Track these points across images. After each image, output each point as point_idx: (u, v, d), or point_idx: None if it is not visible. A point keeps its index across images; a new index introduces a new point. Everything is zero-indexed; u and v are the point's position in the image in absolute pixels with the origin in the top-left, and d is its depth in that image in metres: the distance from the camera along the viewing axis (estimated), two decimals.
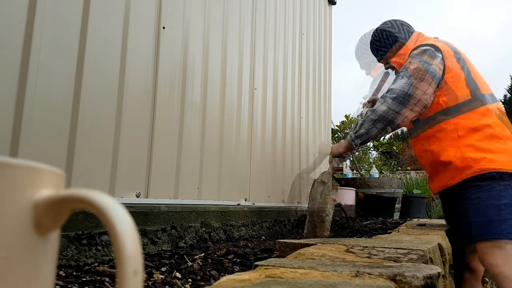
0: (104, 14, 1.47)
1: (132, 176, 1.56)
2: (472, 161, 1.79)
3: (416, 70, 1.89)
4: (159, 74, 1.73)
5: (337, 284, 0.63)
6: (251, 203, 2.41)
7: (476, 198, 1.78)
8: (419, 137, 2.05)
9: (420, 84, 1.87)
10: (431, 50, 1.92)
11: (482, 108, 1.86)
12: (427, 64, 1.89)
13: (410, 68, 1.92)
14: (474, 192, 1.79)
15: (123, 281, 0.26)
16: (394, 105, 1.89)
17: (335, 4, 4.33)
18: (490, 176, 1.76)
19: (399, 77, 1.96)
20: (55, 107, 1.28)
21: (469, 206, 1.81)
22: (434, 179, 2.02)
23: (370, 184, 3.82)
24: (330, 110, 4.10)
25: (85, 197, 0.28)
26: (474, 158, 1.79)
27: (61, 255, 1.18)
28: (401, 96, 1.88)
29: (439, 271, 0.76)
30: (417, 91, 1.87)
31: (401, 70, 1.98)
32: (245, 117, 2.43)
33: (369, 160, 12.34)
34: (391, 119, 1.92)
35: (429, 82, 1.87)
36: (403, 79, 1.92)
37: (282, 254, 1.31)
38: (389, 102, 1.90)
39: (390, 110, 1.90)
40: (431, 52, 1.92)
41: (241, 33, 2.45)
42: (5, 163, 0.26)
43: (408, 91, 1.87)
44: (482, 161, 1.78)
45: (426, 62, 1.90)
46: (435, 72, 1.89)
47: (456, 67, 1.92)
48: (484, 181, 1.77)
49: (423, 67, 1.89)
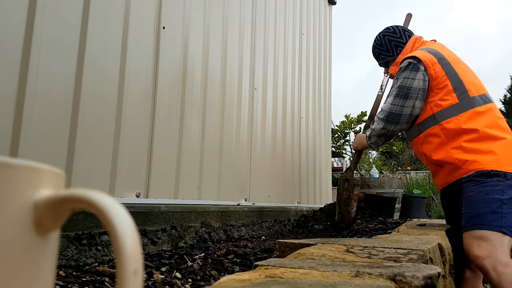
0: (104, 14, 1.47)
1: (132, 176, 1.56)
2: (459, 163, 1.88)
3: (400, 88, 2.03)
4: (159, 74, 1.73)
5: (337, 284, 0.63)
6: (251, 203, 2.40)
7: (470, 191, 1.85)
8: (413, 141, 2.18)
9: (406, 101, 2.01)
10: (413, 64, 2.02)
11: (469, 112, 1.92)
12: (410, 80, 2.00)
13: (395, 86, 2.07)
14: (468, 186, 1.86)
15: (123, 281, 0.26)
16: (387, 125, 2.10)
17: (335, 4, 4.33)
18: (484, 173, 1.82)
19: (389, 95, 2.12)
20: (55, 107, 1.28)
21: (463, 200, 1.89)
22: (435, 177, 2.14)
23: (370, 184, 3.82)
24: (330, 110, 4.10)
25: (85, 197, 0.28)
26: (461, 159, 1.87)
27: (61, 255, 1.18)
28: (390, 117, 2.07)
29: (439, 271, 0.76)
30: (404, 109, 2.02)
31: (391, 87, 2.14)
32: (245, 117, 2.43)
33: (369, 160, 12.36)
34: (390, 135, 2.16)
35: (415, 97, 2.00)
36: (390, 98, 2.08)
37: (282, 254, 1.31)
38: (381, 124, 2.12)
39: (384, 130, 2.13)
40: (413, 66, 2.01)
41: (241, 33, 2.45)
42: (5, 163, 0.26)
43: (395, 111, 2.04)
44: (468, 162, 1.86)
45: (409, 78, 2.01)
46: (419, 86, 2.00)
47: (440, 74, 1.98)
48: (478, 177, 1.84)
49: (407, 84, 2.01)
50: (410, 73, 2.01)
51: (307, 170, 3.36)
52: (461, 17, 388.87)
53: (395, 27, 2.36)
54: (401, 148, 7.47)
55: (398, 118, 2.05)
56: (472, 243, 1.77)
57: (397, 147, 7.33)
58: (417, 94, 1.99)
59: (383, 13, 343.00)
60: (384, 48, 2.34)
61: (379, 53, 2.38)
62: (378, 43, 2.37)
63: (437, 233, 1.84)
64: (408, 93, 2.00)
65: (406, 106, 2.01)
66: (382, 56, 2.37)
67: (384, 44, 2.34)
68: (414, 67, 2.01)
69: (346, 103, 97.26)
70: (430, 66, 1.98)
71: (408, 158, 20.26)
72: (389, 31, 2.34)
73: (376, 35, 2.41)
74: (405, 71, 2.03)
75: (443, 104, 1.96)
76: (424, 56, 2.01)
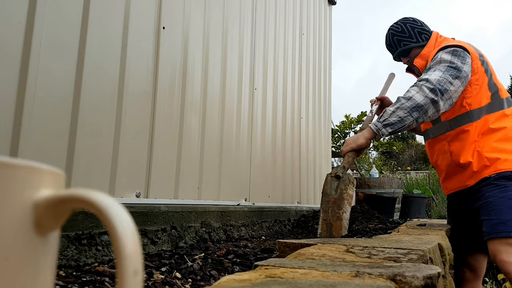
0: (104, 14, 1.47)
1: (132, 176, 1.56)
2: (488, 161, 1.85)
3: (451, 64, 1.85)
4: (159, 74, 1.73)
5: (337, 284, 0.63)
6: (251, 203, 2.41)
7: (491, 196, 1.82)
8: (439, 138, 2.05)
9: (454, 81, 1.82)
10: (461, 51, 1.90)
11: (499, 113, 1.90)
12: (461, 64, 1.86)
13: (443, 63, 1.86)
14: (488, 191, 1.83)
15: (123, 281, 0.26)
16: (431, 95, 1.78)
17: (335, 4, 4.33)
18: (505, 175, 1.80)
19: (432, 69, 1.88)
20: (55, 107, 1.28)
21: (482, 204, 1.85)
22: (450, 180, 2.05)
23: (370, 184, 3.81)
24: (330, 110, 4.10)
25: (85, 197, 0.28)
26: (491, 158, 1.84)
27: (61, 255, 1.18)
28: (438, 89, 1.78)
29: (439, 271, 0.76)
30: (451, 87, 1.81)
31: (433, 64, 1.91)
32: (245, 117, 2.43)
33: (369, 160, 12.36)
34: (426, 110, 1.79)
35: (462, 81, 1.84)
36: (437, 72, 1.84)
37: (282, 254, 1.31)
38: (426, 92, 1.78)
39: (427, 100, 1.78)
40: (461, 52, 1.89)
41: (241, 33, 2.45)
42: (5, 163, 0.26)
43: (444, 85, 1.80)
44: (498, 161, 1.83)
45: (459, 60, 1.87)
46: (468, 72, 1.87)
47: (480, 70, 1.92)
48: (498, 180, 1.82)
49: (458, 64, 1.85)
50: (459, 57, 1.87)
51: (307, 170, 3.36)
52: (461, 15, 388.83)
53: (414, 17, 2.25)
54: (401, 148, 7.46)
55: (443, 93, 1.78)
56: (500, 249, 1.74)
57: (397, 147, 7.33)
58: (464, 79, 1.83)
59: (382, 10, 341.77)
60: (406, 34, 2.18)
61: (400, 40, 2.19)
62: (398, 30, 2.21)
63: (437, 233, 1.84)
64: (458, 74, 1.82)
65: (454, 85, 1.80)
66: (405, 43, 2.18)
67: (407, 31, 2.18)
68: (462, 53, 1.88)
69: (346, 102, 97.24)
70: (474, 59, 1.91)
71: (408, 158, 20.23)
72: (409, 20, 2.22)
73: (393, 25, 2.26)
74: (454, 54, 1.88)
75: (482, 102, 1.90)
76: (469, 47, 1.92)
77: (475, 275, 2.11)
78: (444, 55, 1.89)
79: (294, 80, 3.21)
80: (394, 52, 2.25)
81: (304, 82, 3.40)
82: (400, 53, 2.22)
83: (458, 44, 1.94)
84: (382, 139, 2.50)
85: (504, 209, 1.76)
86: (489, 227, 1.80)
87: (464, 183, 1.96)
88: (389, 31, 2.26)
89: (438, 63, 1.88)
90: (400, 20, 2.24)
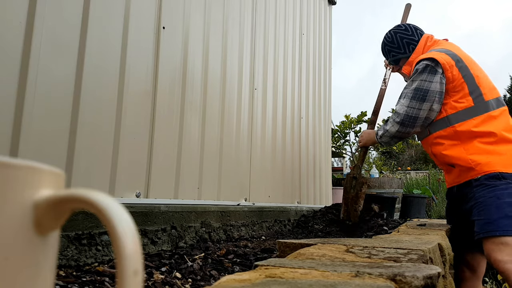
0: (104, 14, 1.47)
1: (132, 176, 1.56)
2: (473, 164, 1.88)
3: (416, 90, 1.98)
4: (159, 74, 1.73)
5: (337, 284, 0.63)
6: (251, 203, 2.41)
7: (481, 197, 1.85)
8: (423, 141, 2.17)
9: (422, 104, 1.96)
10: (431, 66, 1.96)
11: (484, 116, 1.92)
12: (428, 83, 1.95)
13: (411, 87, 2.01)
14: (479, 191, 1.86)
15: (123, 281, 0.26)
16: (402, 128, 2.04)
17: (335, 4, 4.33)
18: (494, 175, 1.83)
19: (403, 96, 2.06)
20: (55, 107, 1.28)
21: (473, 204, 1.88)
22: (447, 174, 2.15)
23: (370, 184, 3.82)
24: (330, 110, 4.10)
25: (85, 197, 0.28)
26: (475, 160, 1.88)
27: (61, 255, 1.18)
28: (406, 120, 2.01)
29: (439, 271, 0.76)
30: (420, 112, 1.97)
31: (405, 88, 2.08)
32: (245, 117, 2.43)
33: (369, 160, 12.36)
34: (401, 137, 2.12)
35: (432, 100, 1.95)
36: (405, 100, 2.01)
37: (282, 254, 1.31)
38: (397, 127, 2.06)
39: (399, 133, 2.07)
40: (431, 68, 1.96)
41: (241, 33, 2.45)
42: (5, 163, 0.26)
43: (411, 114, 1.98)
44: (482, 164, 1.86)
45: (426, 80, 1.96)
46: (436, 89, 1.95)
47: (457, 77, 1.95)
48: (488, 180, 1.84)
49: (424, 86, 1.95)
50: (428, 75, 1.96)
51: (307, 170, 3.36)
52: (461, 15, 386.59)
53: (407, 25, 2.31)
54: (401, 148, 7.46)
55: (414, 121, 2.00)
56: (492, 248, 1.76)
57: (397, 147, 7.33)
58: (434, 97, 1.95)
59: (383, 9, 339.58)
60: (395, 45, 2.29)
61: (390, 51, 2.34)
62: (389, 41, 2.32)
63: (437, 233, 1.84)
64: (425, 96, 1.95)
65: (423, 109, 1.97)
66: (394, 54, 2.32)
67: (396, 42, 2.29)
68: (431, 69, 1.96)
69: (346, 101, 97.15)
70: (447, 69, 1.94)
71: (408, 158, 20.24)
72: (401, 29, 2.30)
73: (387, 33, 2.37)
74: (423, 74, 1.98)
75: (458, 106, 1.94)
76: (442, 58, 1.96)
77: (474, 274, 2.11)
78: (414, 76, 2.03)
79: (294, 80, 3.21)
80: (387, 59, 2.42)
81: (304, 82, 3.40)
82: (391, 62, 2.40)
83: (431, 57, 1.99)
84: None
85: (493, 208, 1.79)
86: (479, 227, 1.83)
87: (455, 180, 2.05)
88: (383, 40, 2.38)
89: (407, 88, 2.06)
90: (393, 29, 2.35)
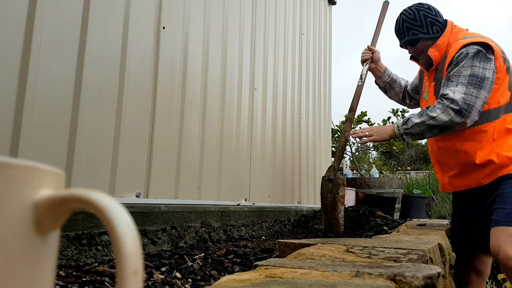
0: (104, 15, 1.47)
1: (132, 176, 1.56)
2: (508, 160, 1.83)
3: (472, 76, 1.81)
4: (159, 73, 1.73)
5: (337, 284, 0.63)
6: (251, 203, 2.41)
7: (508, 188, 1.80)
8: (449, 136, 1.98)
9: (479, 92, 1.80)
10: (483, 52, 1.83)
11: None
12: (483, 70, 1.81)
13: (464, 73, 1.84)
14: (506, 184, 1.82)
15: (123, 281, 0.26)
16: (457, 117, 1.81)
17: (335, 4, 4.33)
18: None
19: (453, 83, 1.86)
20: (55, 107, 1.28)
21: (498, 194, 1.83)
22: (462, 178, 2.00)
23: (370, 184, 3.82)
24: (330, 110, 4.10)
25: (85, 197, 0.28)
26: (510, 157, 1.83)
27: (61, 255, 1.18)
28: (464, 109, 1.80)
29: (439, 271, 0.76)
30: (477, 101, 1.80)
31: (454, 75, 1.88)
32: (245, 117, 2.43)
33: (369, 160, 12.36)
34: (449, 129, 1.87)
35: (487, 89, 1.82)
36: (460, 87, 1.82)
37: (282, 254, 1.31)
38: (451, 114, 1.82)
39: (451, 122, 1.83)
40: (483, 55, 1.83)
41: (241, 33, 2.45)
42: (5, 163, 0.26)
43: (470, 102, 1.80)
44: None
45: (481, 67, 1.82)
46: (492, 78, 1.83)
47: (502, 68, 1.87)
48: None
49: (480, 73, 1.81)
50: (481, 62, 1.81)
51: (307, 170, 3.36)
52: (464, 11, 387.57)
53: (429, 5, 2.09)
54: (401, 148, 7.46)
55: (470, 111, 1.79)
56: (505, 239, 1.70)
57: (397, 147, 7.33)
58: (490, 86, 1.81)
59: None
60: (418, 23, 2.03)
61: (410, 28, 2.05)
62: (410, 17, 2.05)
63: (437, 233, 1.84)
64: (481, 84, 1.79)
65: (480, 97, 1.80)
66: (414, 32, 2.04)
67: (419, 19, 2.03)
68: (484, 56, 1.82)
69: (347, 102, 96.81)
70: (497, 57, 1.85)
71: (408, 158, 20.24)
72: (424, 7, 2.06)
73: (406, 9, 2.10)
74: (475, 59, 1.82)
75: (501, 101, 1.86)
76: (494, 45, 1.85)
77: (481, 277, 2.09)
78: (467, 60, 1.84)
79: (294, 80, 3.21)
80: (401, 39, 2.13)
81: (304, 82, 3.40)
82: (408, 42, 2.10)
83: (483, 41, 1.83)
84: None
85: None
86: (501, 215, 1.76)
87: (479, 181, 1.91)
88: (400, 16, 2.10)
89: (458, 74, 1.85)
90: (414, 5, 2.08)
